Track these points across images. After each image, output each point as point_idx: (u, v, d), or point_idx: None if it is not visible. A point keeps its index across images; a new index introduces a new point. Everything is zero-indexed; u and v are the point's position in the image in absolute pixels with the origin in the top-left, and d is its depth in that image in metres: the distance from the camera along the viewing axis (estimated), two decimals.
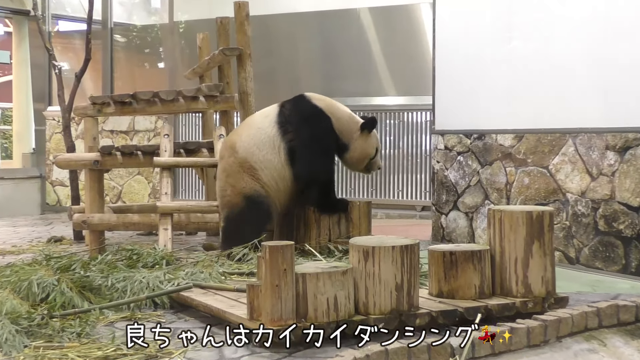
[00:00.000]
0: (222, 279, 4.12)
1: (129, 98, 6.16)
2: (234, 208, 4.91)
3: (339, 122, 5.01)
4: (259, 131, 4.98)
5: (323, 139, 4.94)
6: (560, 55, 5.34)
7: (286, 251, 3.12)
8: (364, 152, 5.03)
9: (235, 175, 4.93)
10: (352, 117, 5.06)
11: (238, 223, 4.88)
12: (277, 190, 4.93)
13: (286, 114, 5.00)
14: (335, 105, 5.08)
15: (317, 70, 9.26)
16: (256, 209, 4.86)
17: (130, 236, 6.84)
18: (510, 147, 5.67)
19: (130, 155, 5.97)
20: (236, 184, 4.92)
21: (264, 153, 4.93)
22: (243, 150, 4.95)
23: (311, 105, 5.02)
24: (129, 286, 3.95)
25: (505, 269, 3.69)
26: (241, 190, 4.90)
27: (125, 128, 9.66)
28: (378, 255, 3.34)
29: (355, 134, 5.01)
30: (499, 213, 3.72)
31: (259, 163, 4.92)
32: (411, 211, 8.33)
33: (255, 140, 4.95)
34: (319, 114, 4.99)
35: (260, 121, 5.06)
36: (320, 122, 4.97)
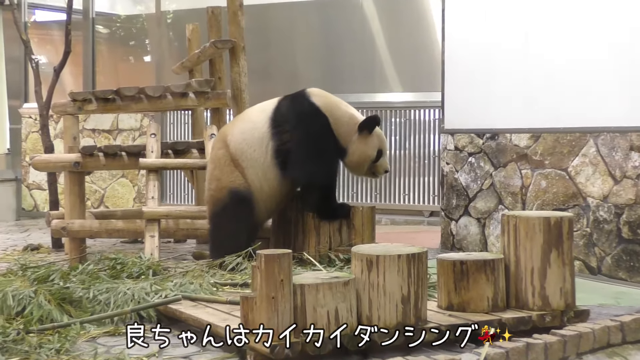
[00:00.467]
0: (214, 290, 4.12)
1: (112, 94, 6.16)
2: (218, 205, 4.94)
3: (337, 122, 5.00)
4: (252, 126, 5.00)
5: (319, 140, 4.94)
6: (581, 49, 5.35)
7: (283, 260, 3.12)
8: (362, 156, 5.00)
9: (222, 168, 4.96)
10: (353, 117, 5.03)
11: (223, 221, 4.91)
12: (261, 190, 4.95)
13: (282, 111, 5.01)
14: (335, 103, 5.07)
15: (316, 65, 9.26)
16: (240, 205, 4.88)
17: (113, 244, 6.83)
18: (526, 147, 5.67)
19: (114, 156, 5.97)
20: (222, 177, 4.95)
21: (252, 150, 4.95)
22: (233, 145, 4.98)
23: (308, 102, 5.02)
24: (113, 298, 3.95)
25: (521, 280, 3.69)
26: (226, 185, 4.93)
27: (108, 127, 9.66)
28: (383, 264, 3.34)
29: (354, 135, 4.99)
30: (513, 219, 3.73)
31: (246, 161, 4.94)
32: (418, 217, 8.33)
33: (246, 136, 4.98)
34: (314, 112, 4.98)
35: (256, 116, 5.07)
36: (316, 121, 4.97)
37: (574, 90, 5.38)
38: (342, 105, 5.08)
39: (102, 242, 6.91)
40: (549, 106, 5.53)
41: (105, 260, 4.77)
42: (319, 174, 4.93)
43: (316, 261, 4.54)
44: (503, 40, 5.86)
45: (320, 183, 4.94)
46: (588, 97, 5.29)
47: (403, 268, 3.35)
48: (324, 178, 4.95)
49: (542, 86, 5.58)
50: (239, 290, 4.18)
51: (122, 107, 6.22)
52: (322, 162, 4.94)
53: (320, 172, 4.93)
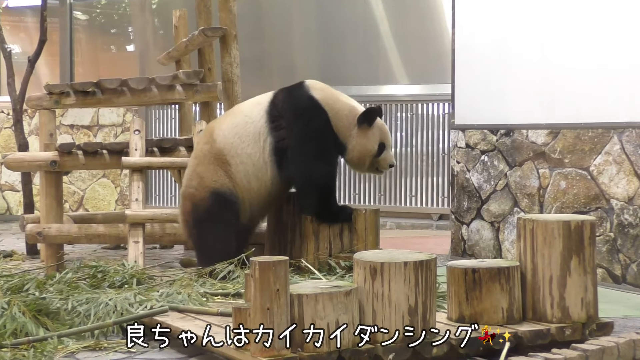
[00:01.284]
0: (204, 300, 4.12)
1: (92, 87, 6.15)
2: (199, 206, 4.94)
3: (337, 116, 5.00)
4: (245, 120, 5.00)
5: (318, 137, 4.94)
6: (604, 37, 5.35)
7: (279, 268, 3.12)
8: (362, 150, 5.01)
9: (206, 165, 4.96)
10: (353, 109, 5.04)
11: (207, 226, 4.90)
12: (249, 190, 4.95)
13: (278, 104, 5.01)
14: (335, 96, 5.07)
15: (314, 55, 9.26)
16: (224, 208, 4.88)
17: (94, 250, 6.83)
18: (544, 144, 5.67)
19: (94, 154, 5.97)
20: (205, 175, 4.95)
21: (245, 146, 4.95)
22: (221, 140, 4.97)
23: (307, 95, 5.02)
24: (93, 310, 3.94)
25: (539, 290, 3.69)
26: (210, 184, 4.93)
27: (87, 122, 9.66)
28: (387, 272, 3.34)
29: (353, 129, 5.00)
30: (530, 223, 3.73)
31: (235, 157, 4.94)
32: (426, 220, 8.33)
33: (239, 130, 4.97)
34: (314, 107, 4.99)
35: (250, 109, 5.07)
36: (315, 116, 4.97)
37: (596, 82, 5.38)
38: (342, 98, 5.09)
39: (81, 248, 6.90)
40: (569, 100, 5.54)
41: (84, 268, 4.77)
42: (317, 174, 4.93)
43: (315, 269, 4.54)
44: (519, 27, 5.86)
45: (318, 184, 4.94)
46: (612, 90, 5.29)
47: (410, 276, 3.35)
48: (322, 178, 4.95)
49: (562, 78, 5.59)
50: (231, 300, 4.18)
51: (102, 100, 6.21)
52: (321, 162, 4.94)
53: (318, 172, 4.93)
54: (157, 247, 7.00)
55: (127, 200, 9.31)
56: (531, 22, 5.79)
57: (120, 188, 9.57)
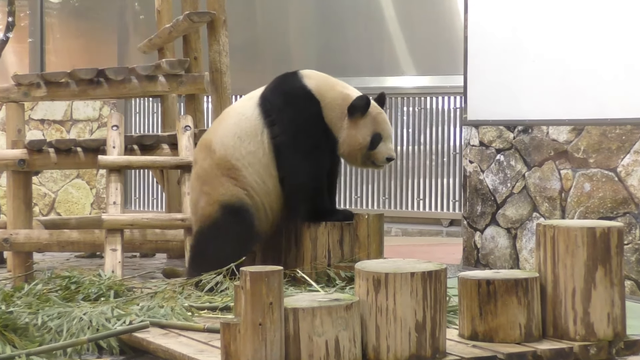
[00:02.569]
0: (189, 315, 4.12)
1: (65, 77, 6.15)
2: (206, 220, 4.92)
3: (329, 106, 5.00)
4: (240, 118, 5.00)
5: (307, 130, 4.95)
6: (632, 28, 5.35)
7: (272, 279, 3.12)
8: (352, 143, 4.99)
9: (212, 181, 4.94)
10: (347, 98, 5.02)
11: (211, 239, 4.88)
12: (267, 192, 4.94)
13: (269, 96, 5.02)
14: (329, 84, 5.07)
15: (312, 42, 9.27)
16: (236, 220, 4.86)
17: (67, 259, 6.83)
18: (566, 142, 5.68)
19: (67, 152, 5.97)
20: (213, 191, 4.92)
21: (246, 144, 4.94)
22: (220, 147, 4.95)
23: (298, 84, 5.02)
24: (66, 325, 3.94)
25: (560, 304, 3.70)
26: (218, 198, 4.91)
27: (60, 117, 9.65)
28: (393, 284, 3.34)
29: (344, 120, 5.00)
30: (551, 230, 3.73)
31: (241, 159, 4.93)
32: (436, 226, 8.34)
33: (236, 129, 4.96)
34: (304, 96, 4.99)
35: (241, 106, 5.07)
36: (305, 107, 4.97)
37: (624, 73, 5.39)
38: (338, 87, 5.08)
39: (52, 256, 6.90)
40: (594, 93, 5.54)
41: (56, 279, 4.76)
42: (302, 172, 4.92)
43: (312, 280, 4.54)
44: (539, 14, 5.87)
45: (302, 184, 4.93)
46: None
47: (417, 289, 3.35)
48: (306, 177, 4.94)
49: (586, 69, 5.59)
50: (219, 315, 4.17)
51: (77, 93, 6.21)
52: (307, 158, 4.94)
53: (303, 170, 4.92)
54: (137, 256, 6.99)
55: (103, 204, 9.30)
56: (552, 7, 5.79)
57: (97, 190, 9.57)
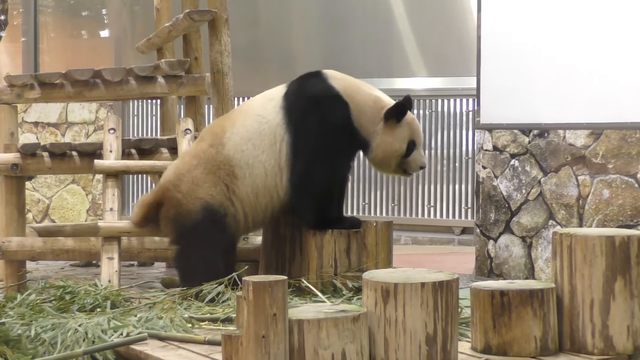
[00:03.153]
0: (189, 326, 4.11)
1: (59, 78, 6.15)
2: (184, 218, 4.92)
3: (359, 109, 5.00)
4: (259, 121, 4.97)
5: (334, 135, 4.94)
6: None
7: (276, 289, 3.12)
8: (388, 150, 5.00)
9: (206, 172, 4.93)
10: (378, 101, 5.02)
11: (193, 246, 4.90)
12: (255, 205, 4.95)
13: (291, 97, 5.00)
14: (356, 85, 5.06)
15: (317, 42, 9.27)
16: (218, 229, 4.88)
17: (61, 268, 6.83)
18: (584, 147, 5.67)
19: (62, 156, 5.97)
20: (202, 184, 4.92)
21: (259, 153, 4.93)
22: (232, 147, 4.94)
23: (325, 85, 5.01)
24: (60, 337, 3.94)
25: (577, 316, 3.69)
26: (204, 197, 4.90)
27: (54, 119, 9.67)
28: (402, 295, 3.34)
29: (378, 125, 5.00)
30: (568, 238, 3.72)
31: (245, 169, 4.92)
32: (447, 234, 8.33)
33: (252, 134, 4.95)
34: (333, 98, 4.98)
35: (261, 107, 5.03)
36: (334, 110, 4.96)
37: None
38: (365, 88, 5.08)
39: (46, 265, 6.90)
40: (614, 96, 5.53)
41: (50, 289, 4.76)
42: (316, 179, 4.92)
43: (318, 290, 4.54)
44: (556, 12, 5.86)
45: (314, 190, 4.93)
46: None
47: (428, 300, 3.35)
48: (321, 185, 4.94)
49: (605, 71, 5.58)
50: (220, 326, 4.17)
51: (72, 94, 6.21)
52: (326, 164, 4.94)
53: (319, 176, 4.92)
54: (134, 265, 7.00)
55: (100, 210, 9.30)
56: (569, 7, 5.79)
57: (93, 196, 9.57)
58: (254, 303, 3.11)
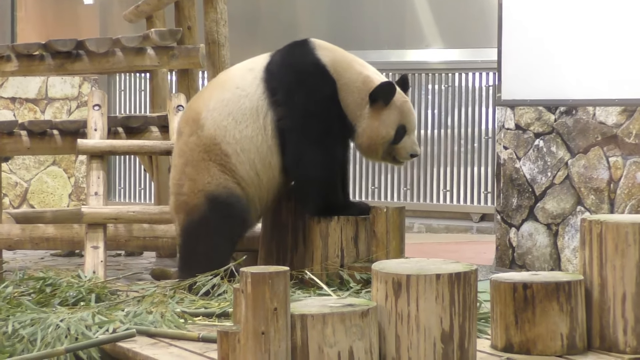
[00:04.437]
0: (181, 322, 4.12)
1: (39, 49, 6.15)
2: (193, 213, 4.92)
3: (346, 88, 4.98)
4: (238, 94, 4.96)
5: (320, 113, 4.93)
6: None
7: (277, 281, 3.12)
8: (373, 136, 4.97)
9: (197, 164, 4.93)
10: (367, 81, 5.00)
11: (200, 236, 4.89)
12: (259, 185, 4.93)
13: (276, 70, 4.99)
14: (347, 61, 5.04)
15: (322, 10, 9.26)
16: (226, 215, 4.86)
17: (41, 258, 6.84)
18: (616, 125, 5.66)
19: (42, 135, 5.98)
20: (197, 177, 4.91)
21: (242, 127, 4.92)
22: (211, 125, 4.93)
23: (311, 58, 5.00)
24: (40, 333, 3.95)
25: (608, 311, 3.69)
26: (204, 187, 4.90)
27: (33, 95, 9.67)
28: (415, 288, 3.34)
29: (365, 107, 4.98)
30: (598, 226, 3.72)
31: (233, 144, 4.91)
32: (465, 222, 8.33)
33: (232, 108, 4.94)
34: (319, 73, 4.97)
35: (240, 78, 5.02)
36: (319, 86, 4.95)
37: None
38: (356, 65, 5.06)
39: (25, 254, 6.91)
40: None
41: (29, 281, 4.77)
42: (313, 161, 4.92)
43: (323, 282, 4.54)
44: None
45: (314, 175, 4.93)
46: None
47: (444, 293, 3.35)
48: (319, 167, 4.93)
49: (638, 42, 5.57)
50: (215, 322, 4.18)
51: (53, 67, 6.21)
52: (320, 146, 4.93)
53: (315, 159, 4.92)
54: (121, 255, 7.01)
55: (83, 195, 9.31)
56: None
57: (75, 179, 9.58)
58: (252, 296, 3.11)
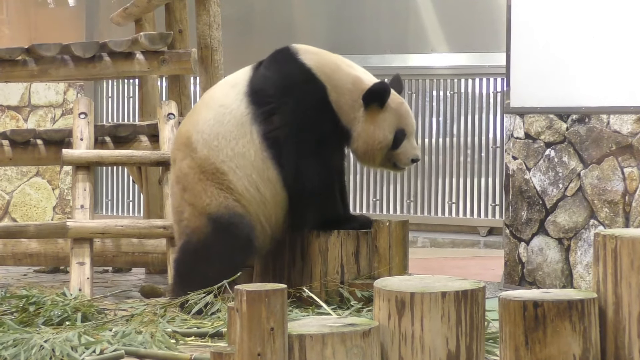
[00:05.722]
0: (172, 343, 4.13)
1: (22, 54, 6.16)
2: (195, 235, 4.92)
3: (338, 90, 4.99)
4: (222, 112, 4.98)
5: (312, 121, 4.94)
6: None
7: (274, 299, 3.12)
8: (369, 141, 4.98)
9: (194, 187, 4.94)
10: (358, 82, 5.01)
11: (201, 257, 4.89)
12: (261, 200, 4.93)
13: (260, 82, 5.00)
14: (333, 62, 5.06)
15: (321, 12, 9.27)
16: (228, 235, 4.86)
17: (24, 274, 6.84)
18: (632, 134, 5.67)
19: (25, 145, 5.99)
20: (196, 200, 4.92)
21: (233, 145, 4.93)
22: (203, 145, 4.95)
23: (295, 63, 5.02)
24: (24, 355, 3.95)
25: (623, 330, 3.69)
26: (204, 210, 4.91)
27: (16, 102, 9.67)
28: (420, 306, 3.34)
29: (359, 110, 4.99)
30: (612, 240, 3.72)
31: (228, 162, 4.92)
32: (472, 236, 8.33)
33: (219, 128, 4.95)
34: (306, 78, 4.99)
35: (223, 95, 5.05)
36: (306, 92, 4.97)
37: None
38: (344, 66, 5.07)
39: (6, 271, 6.91)
40: None
41: (11, 299, 4.77)
42: (309, 172, 4.93)
43: (322, 300, 4.55)
44: None
45: (310, 187, 4.94)
46: None
47: (450, 312, 3.36)
48: (314, 179, 4.94)
49: None
50: (209, 343, 4.18)
51: (36, 73, 6.22)
52: (314, 155, 4.94)
53: (310, 170, 4.93)
54: (109, 271, 7.00)
55: (68, 208, 9.31)
56: None
57: (60, 191, 9.58)
58: (248, 316, 3.11)
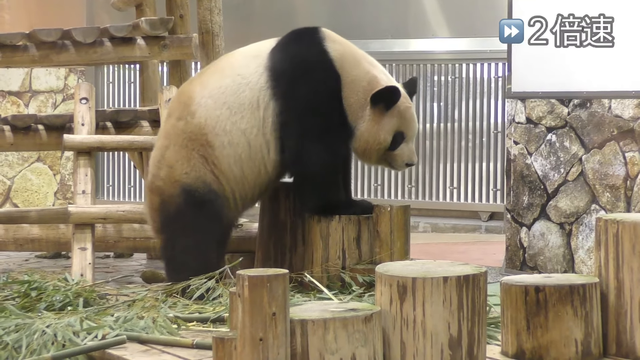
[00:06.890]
0: (174, 328, 4.13)
1: (22, 39, 6.15)
2: (168, 204, 4.92)
3: (351, 86, 4.97)
4: (238, 81, 4.95)
5: (322, 108, 4.94)
6: None
7: (276, 284, 3.12)
8: (370, 140, 4.98)
9: (178, 150, 4.92)
10: (373, 82, 5.00)
11: (178, 232, 4.89)
12: (241, 181, 4.92)
13: (278, 55, 4.98)
14: (356, 58, 5.03)
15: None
16: (201, 210, 4.86)
17: (25, 260, 6.84)
18: (633, 119, 5.66)
19: (26, 130, 5.98)
20: (176, 165, 4.91)
21: (237, 119, 4.91)
22: (203, 112, 4.92)
23: (318, 48, 5.00)
24: (25, 340, 3.95)
25: (625, 315, 3.69)
26: (180, 178, 4.90)
27: (17, 87, 9.66)
28: (421, 291, 3.34)
29: (366, 109, 4.99)
30: (614, 225, 3.72)
31: (222, 136, 4.90)
32: (473, 221, 8.33)
33: (229, 96, 4.92)
34: (324, 66, 4.96)
35: (243, 65, 5.00)
36: (321, 81, 4.95)
37: None
38: (365, 63, 5.05)
39: (8, 256, 6.92)
40: None
41: (13, 284, 4.77)
42: (313, 158, 4.92)
43: (324, 285, 4.55)
44: None
45: (313, 171, 4.93)
46: None
47: (451, 297, 3.36)
48: (318, 164, 4.94)
49: None
50: (210, 328, 4.19)
51: (37, 58, 6.21)
52: (320, 142, 4.94)
53: (315, 155, 4.92)
54: (110, 256, 7.01)
55: (69, 193, 9.32)
56: None
57: (61, 176, 9.58)
58: (249, 301, 3.11)
